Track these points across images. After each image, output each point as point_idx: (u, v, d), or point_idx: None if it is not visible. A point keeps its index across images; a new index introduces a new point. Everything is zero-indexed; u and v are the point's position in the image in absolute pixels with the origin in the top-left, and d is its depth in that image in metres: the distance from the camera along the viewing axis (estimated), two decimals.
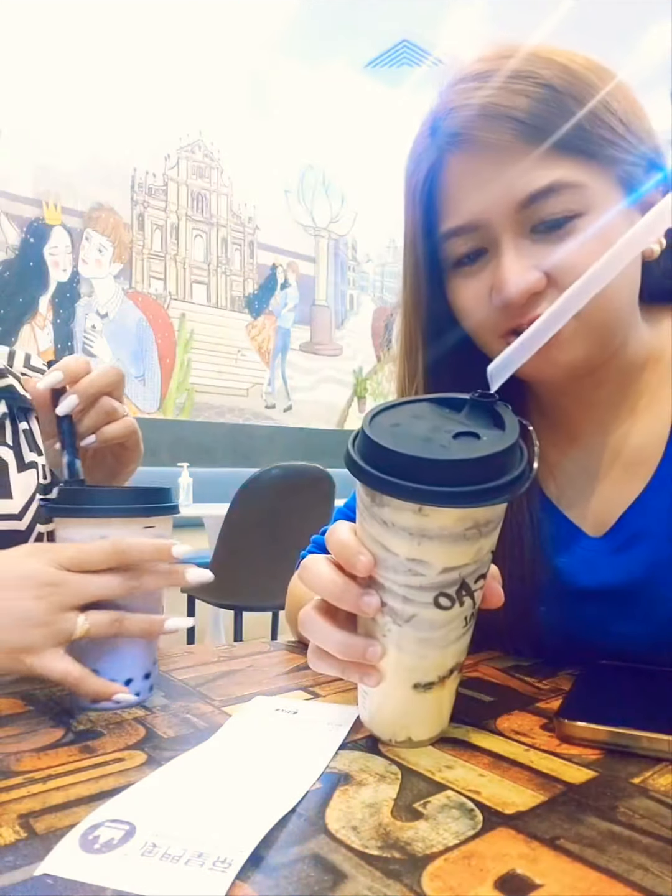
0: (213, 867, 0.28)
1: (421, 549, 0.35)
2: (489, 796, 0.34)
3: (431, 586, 0.36)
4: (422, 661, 0.38)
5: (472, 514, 0.34)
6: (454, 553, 0.35)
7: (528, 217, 0.50)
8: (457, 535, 0.35)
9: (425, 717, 0.41)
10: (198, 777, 0.36)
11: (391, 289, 4.87)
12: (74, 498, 0.49)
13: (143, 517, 0.49)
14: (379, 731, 0.42)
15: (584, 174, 0.49)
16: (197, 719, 0.46)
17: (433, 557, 0.35)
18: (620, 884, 0.27)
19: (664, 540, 0.55)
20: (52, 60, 3.36)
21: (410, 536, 0.35)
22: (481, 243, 0.53)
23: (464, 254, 0.54)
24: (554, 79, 0.48)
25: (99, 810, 0.33)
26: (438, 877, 0.27)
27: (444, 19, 3.85)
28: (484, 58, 0.51)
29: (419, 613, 0.37)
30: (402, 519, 0.34)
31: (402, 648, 0.38)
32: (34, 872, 0.28)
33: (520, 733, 0.43)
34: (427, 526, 0.34)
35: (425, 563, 0.35)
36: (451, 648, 0.39)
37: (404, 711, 0.40)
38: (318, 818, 0.32)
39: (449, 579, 0.36)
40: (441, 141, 0.52)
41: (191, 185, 3.94)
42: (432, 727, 0.42)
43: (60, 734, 0.44)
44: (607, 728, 0.40)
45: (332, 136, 4.47)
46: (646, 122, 0.53)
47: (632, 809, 0.33)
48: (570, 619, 0.59)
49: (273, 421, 4.22)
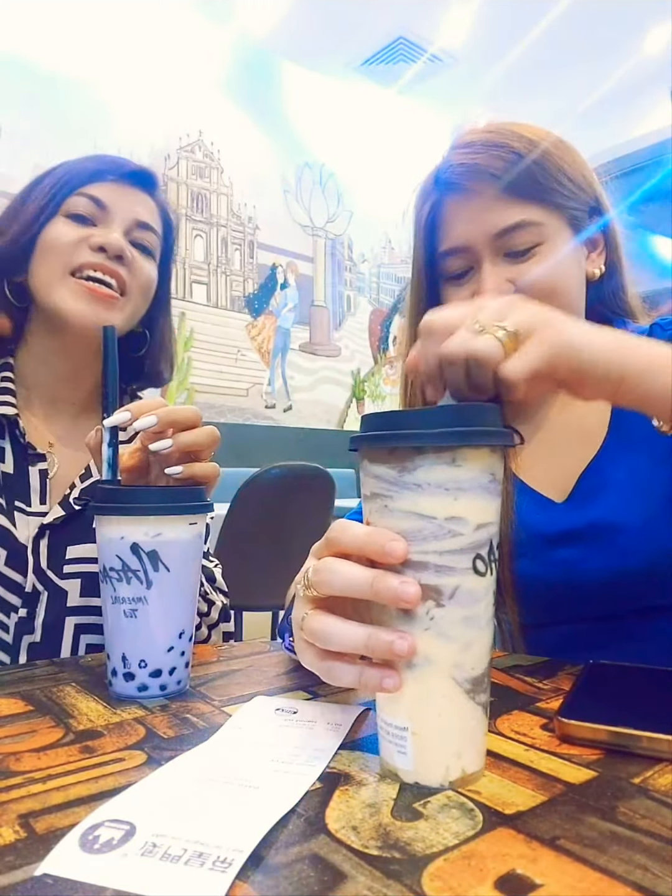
0: (213, 867, 0.28)
1: (457, 504, 0.35)
2: (489, 796, 0.34)
3: (470, 546, 0.36)
4: (468, 652, 0.36)
5: (493, 465, 0.36)
6: (484, 507, 0.36)
7: (502, 244, 0.68)
8: (484, 487, 0.36)
9: (478, 733, 0.37)
10: (198, 777, 0.36)
11: (387, 290, 4.87)
12: (128, 497, 0.53)
13: (191, 514, 0.53)
14: (427, 770, 0.36)
15: (542, 215, 0.67)
16: (197, 719, 0.46)
17: (469, 512, 0.36)
18: (620, 884, 0.27)
19: (618, 488, 0.68)
20: (52, 60, 3.35)
21: (446, 492, 0.35)
22: (468, 262, 0.70)
23: (455, 270, 0.71)
24: (521, 148, 0.67)
25: (99, 810, 0.33)
26: (438, 877, 0.27)
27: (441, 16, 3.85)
28: (473, 131, 0.71)
29: (461, 584, 0.36)
30: (437, 474, 0.35)
31: (449, 636, 0.36)
32: (34, 872, 0.28)
33: (520, 733, 0.43)
34: (461, 477, 0.35)
35: (462, 521, 0.35)
36: (487, 631, 0.37)
37: (459, 728, 0.36)
38: (318, 818, 0.32)
39: (482, 538, 0.36)
40: (441, 187, 0.71)
41: (191, 185, 3.94)
42: (482, 750, 0.38)
43: (60, 734, 0.44)
44: (607, 727, 0.40)
45: (329, 134, 4.48)
46: (588, 175, 0.72)
47: (632, 809, 0.33)
48: (545, 565, 0.70)
49: (273, 421, 4.21)
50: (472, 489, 0.36)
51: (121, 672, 0.51)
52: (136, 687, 0.51)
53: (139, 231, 0.79)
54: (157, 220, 0.83)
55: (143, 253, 0.80)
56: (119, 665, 0.52)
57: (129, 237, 0.78)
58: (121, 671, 0.51)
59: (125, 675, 0.51)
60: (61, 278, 0.74)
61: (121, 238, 0.76)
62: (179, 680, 0.53)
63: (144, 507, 0.51)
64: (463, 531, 0.36)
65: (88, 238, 0.75)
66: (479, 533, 0.36)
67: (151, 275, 0.81)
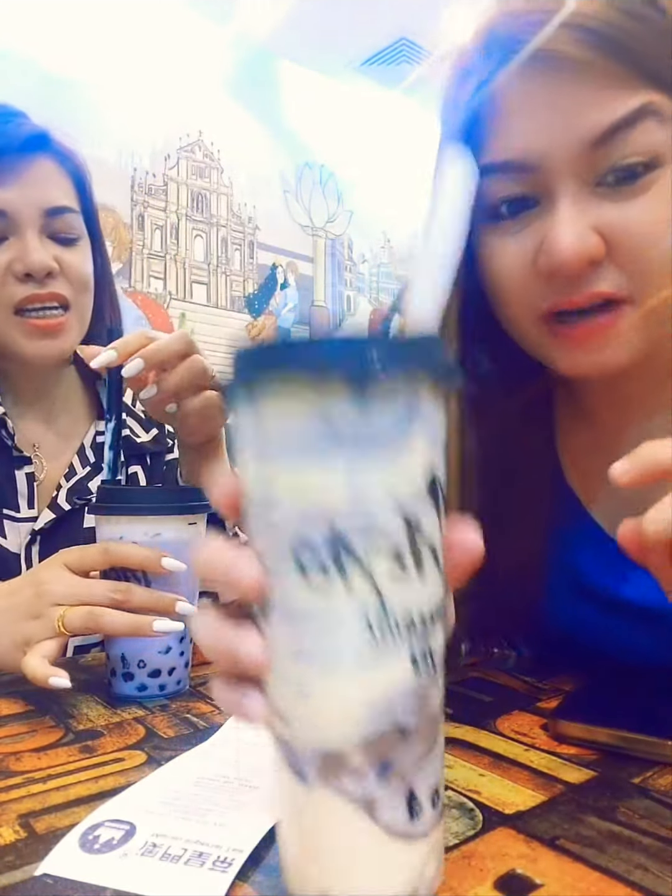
0: (213, 867, 0.28)
1: (264, 468, 0.22)
2: (489, 796, 0.34)
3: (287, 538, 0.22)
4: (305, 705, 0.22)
5: (320, 402, 0.21)
6: (305, 480, 0.22)
7: (598, 160, 0.41)
8: (306, 438, 0.21)
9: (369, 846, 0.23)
10: (198, 777, 0.36)
11: (387, 290, 4.87)
12: (126, 497, 0.53)
13: (190, 514, 0.53)
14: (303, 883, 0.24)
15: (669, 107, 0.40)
16: (197, 719, 0.46)
17: (279, 486, 0.22)
18: (620, 884, 0.27)
19: None
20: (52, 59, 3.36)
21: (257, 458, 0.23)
22: (530, 189, 0.43)
23: (504, 199, 0.44)
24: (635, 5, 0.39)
25: (99, 810, 0.33)
26: None
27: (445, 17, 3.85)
28: None
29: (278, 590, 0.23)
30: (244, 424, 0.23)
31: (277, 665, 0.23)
32: (34, 872, 0.28)
33: (520, 733, 0.43)
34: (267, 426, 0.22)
35: (274, 502, 0.22)
36: (354, 678, 0.22)
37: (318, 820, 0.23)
38: None
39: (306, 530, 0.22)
40: (498, 54, 0.41)
41: (191, 185, 3.94)
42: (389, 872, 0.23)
43: (60, 734, 0.44)
44: (600, 728, 0.40)
45: (329, 135, 4.48)
46: None
47: (632, 809, 0.33)
48: (579, 622, 0.54)
49: None
50: (280, 444, 0.22)
51: (120, 672, 0.51)
52: (135, 687, 0.51)
53: (53, 220, 0.72)
54: (66, 186, 0.74)
55: (68, 244, 0.73)
56: (118, 665, 0.52)
57: (47, 232, 0.72)
58: (120, 671, 0.51)
59: (124, 674, 0.51)
60: (6, 319, 0.71)
61: (42, 253, 0.70)
62: (179, 680, 0.53)
63: (143, 507, 0.51)
64: (277, 519, 0.22)
65: (10, 266, 0.69)
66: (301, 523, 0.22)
67: (84, 266, 0.75)
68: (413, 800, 0.23)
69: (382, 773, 0.22)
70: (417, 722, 0.23)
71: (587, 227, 0.41)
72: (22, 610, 0.49)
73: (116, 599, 0.48)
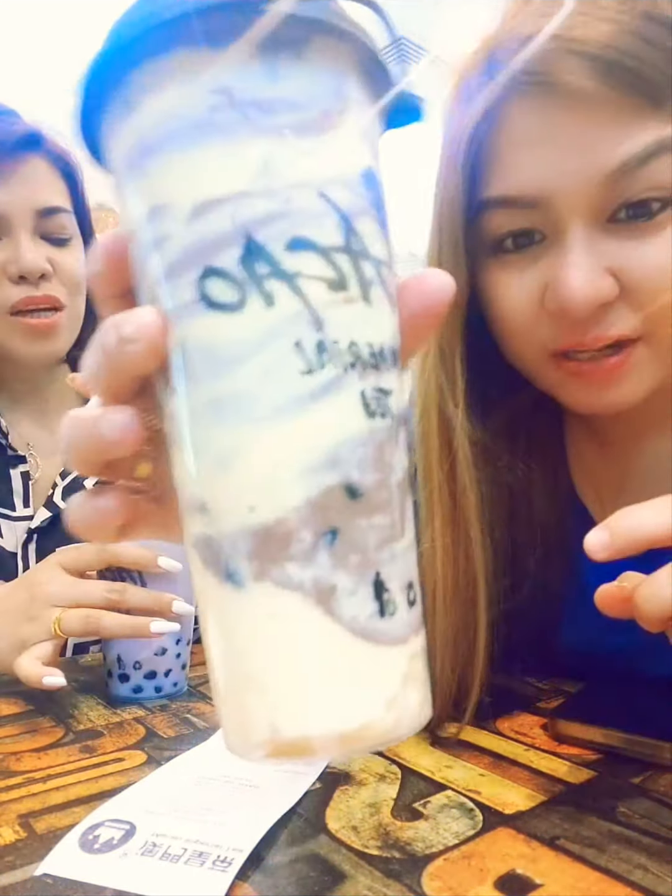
0: (212, 867, 0.28)
1: (148, 179, 0.18)
2: (489, 796, 0.34)
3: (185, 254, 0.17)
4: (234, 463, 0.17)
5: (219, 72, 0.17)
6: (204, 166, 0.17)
7: (611, 196, 0.38)
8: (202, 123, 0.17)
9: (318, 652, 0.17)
10: (198, 777, 0.36)
11: None
12: None
13: None
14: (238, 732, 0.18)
15: None
16: (197, 719, 0.46)
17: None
18: (620, 884, 0.27)
19: None
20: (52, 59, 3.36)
21: None
22: (536, 225, 0.40)
23: (507, 234, 0.41)
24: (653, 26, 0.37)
25: (99, 810, 0.33)
26: (438, 877, 0.27)
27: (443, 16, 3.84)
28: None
29: (188, 333, 0.18)
30: None
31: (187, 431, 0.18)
32: (34, 872, 0.28)
33: (520, 733, 0.43)
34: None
35: (165, 221, 0.17)
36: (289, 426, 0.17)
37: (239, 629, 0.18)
38: (318, 818, 0.32)
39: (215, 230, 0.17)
40: (502, 80, 0.39)
41: None
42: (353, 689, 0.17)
43: (60, 734, 0.44)
44: (600, 729, 0.40)
45: None
46: None
47: (632, 809, 0.33)
48: (598, 644, 0.50)
49: None
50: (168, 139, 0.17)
51: (116, 673, 0.51)
52: (131, 688, 0.51)
53: (46, 222, 0.71)
54: (59, 186, 0.74)
55: (61, 245, 0.73)
56: (114, 666, 0.51)
57: (39, 232, 0.72)
58: (116, 672, 0.51)
59: (120, 676, 0.51)
60: (0, 320, 0.71)
61: (35, 254, 0.69)
62: (175, 682, 0.53)
63: None
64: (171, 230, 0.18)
65: (4, 268, 0.70)
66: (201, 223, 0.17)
67: (76, 267, 0.75)
68: (382, 590, 0.17)
69: (334, 542, 0.17)
70: (373, 480, 0.18)
71: (599, 269, 0.38)
72: (18, 612, 0.49)
73: (112, 600, 0.48)
